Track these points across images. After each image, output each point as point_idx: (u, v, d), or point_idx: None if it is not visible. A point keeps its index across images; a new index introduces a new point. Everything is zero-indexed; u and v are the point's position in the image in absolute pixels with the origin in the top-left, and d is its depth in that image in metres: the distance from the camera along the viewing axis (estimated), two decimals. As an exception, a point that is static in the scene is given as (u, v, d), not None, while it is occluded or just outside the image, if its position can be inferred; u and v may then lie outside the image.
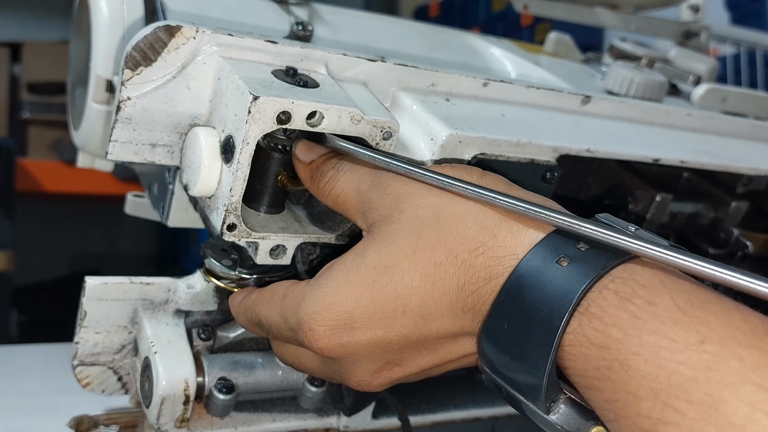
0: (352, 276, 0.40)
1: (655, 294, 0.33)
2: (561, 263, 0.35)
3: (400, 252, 0.40)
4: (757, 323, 0.31)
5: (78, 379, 0.53)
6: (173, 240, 2.60)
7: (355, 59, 0.49)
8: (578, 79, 0.69)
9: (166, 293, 0.52)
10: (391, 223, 0.41)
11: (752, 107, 0.73)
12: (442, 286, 0.38)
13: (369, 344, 0.40)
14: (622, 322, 0.33)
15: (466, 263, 0.38)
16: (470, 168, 0.43)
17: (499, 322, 0.37)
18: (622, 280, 0.34)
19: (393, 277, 0.39)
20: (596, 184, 0.61)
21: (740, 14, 1.69)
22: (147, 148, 0.47)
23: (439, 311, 0.39)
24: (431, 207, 0.40)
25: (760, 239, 0.64)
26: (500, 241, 0.38)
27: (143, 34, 0.44)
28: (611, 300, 0.33)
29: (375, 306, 0.40)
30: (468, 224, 0.39)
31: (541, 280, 0.35)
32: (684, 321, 0.31)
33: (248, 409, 0.55)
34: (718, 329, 0.31)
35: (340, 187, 0.44)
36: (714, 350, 0.30)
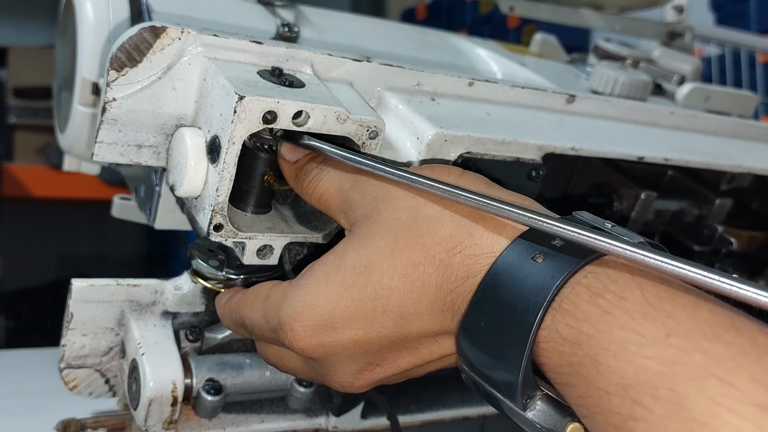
0: (332, 276, 0.41)
1: (625, 288, 0.33)
2: (536, 260, 0.35)
3: (378, 252, 0.40)
4: (723, 314, 0.31)
5: (65, 382, 0.53)
6: (161, 243, 2.59)
7: (340, 59, 0.49)
8: (563, 79, 0.69)
9: (154, 295, 0.52)
10: (370, 224, 0.41)
11: (735, 106, 0.74)
12: (421, 285, 0.39)
13: (349, 344, 0.40)
14: (593, 317, 0.33)
15: (444, 263, 0.38)
16: (449, 168, 0.43)
17: (476, 319, 0.37)
18: (595, 275, 0.34)
19: (372, 278, 0.39)
20: (581, 182, 0.61)
21: (724, 15, 1.70)
22: (133, 149, 0.47)
23: (419, 311, 0.39)
24: (408, 208, 0.40)
25: (744, 236, 0.65)
26: (477, 240, 0.38)
27: (128, 35, 0.44)
28: (583, 295, 0.34)
29: (355, 306, 0.40)
30: (445, 224, 0.39)
31: (516, 276, 0.36)
32: (652, 315, 0.32)
33: (236, 410, 0.55)
34: (684, 322, 0.31)
35: (323, 187, 0.45)
36: (680, 344, 0.30)
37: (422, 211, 0.40)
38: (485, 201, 0.38)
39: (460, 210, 0.39)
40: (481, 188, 0.41)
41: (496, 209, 0.37)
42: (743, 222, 0.67)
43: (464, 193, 0.39)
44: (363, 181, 0.43)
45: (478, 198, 0.38)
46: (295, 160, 0.46)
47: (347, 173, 0.44)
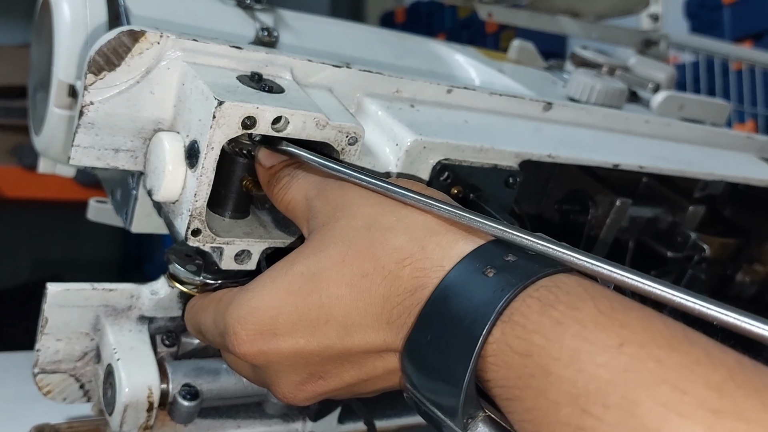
0: (278, 281, 0.40)
1: (578, 300, 0.33)
2: (487, 274, 0.35)
3: (329, 260, 0.39)
4: (677, 327, 0.31)
5: (39, 387, 0.52)
6: (136, 246, 2.57)
7: (320, 65, 0.49)
8: (540, 86, 0.70)
9: (129, 299, 0.52)
10: (326, 231, 0.41)
11: (709, 114, 0.75)
12: (368, 296, 0.38)
13: (291, 353, 0.40)
14: (544, 328, 0.32)
15: (393, 274, 0.38)
16: (413, 182, 0.43)
17: (422, 334, 0.36)
18: (547, 288, 0.34)
19: (319, 285, 0.39)
20: (558, 188, 0.62)
21: (699, 23, 1.73)
22: (110, 153, 0.47)
23: (363, 322, 0.38)
24: (365, 217, 0.40)
25: (716, 242, 0.66)
26: (428, 253, 0.37)
27: (107, 38, 0.44)
28: (534, 307, 0.33)
29: (298, 313, 0.39)
30: (398, 235, 0.39)
31: (465, 290, 0.35)
32: (605, 324, 0.31)
33: (213, 415, 0.55)
34: (638, 332, 0.31)
35: (291, 194, 0.44)
36: (632, 352, 0.30)
37: (378, 220, 0.40)
38: (452, 210, 0.38)
39: (414, 222, 0.39)
40: (442, 198, 0.40)
41: (461, 217, 0.38)
42: (716, 229, 0.68)
43: (431, 202, 0.39)
44: (327, 190, 0.43)
45: (446, 207, 0.38)
46: (270, 166, 0.46)
47: (314, 182, 0.44)
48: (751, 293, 0.73)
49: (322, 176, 0.44)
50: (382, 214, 0.40)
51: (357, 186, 0.42)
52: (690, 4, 1.75)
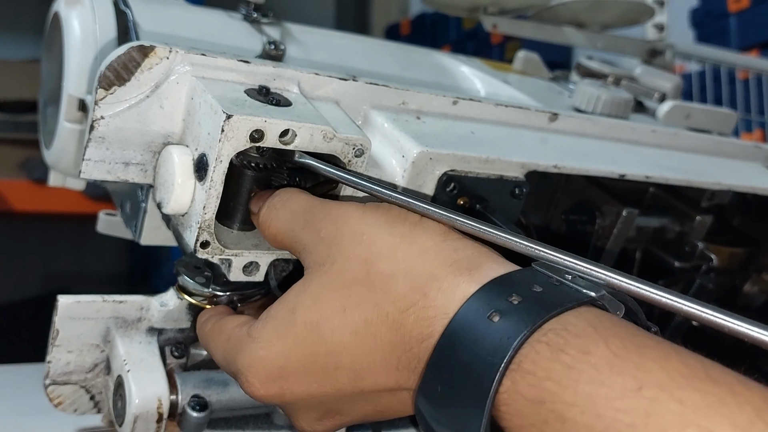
0: (283, 332, 0.40)
1: (589, 342, 0.32)
2: (492, 319, 0.34)
3: (329, 309, 0.39)
4: (697, 366, 0.30)
5: (50, 398, 0.52)
6: (143, 259, 2.58)
7: (327, 78, 0.50)
8: (546, 96, 0.70)
9: (139, 311, 0.52)
10: (322, 275, 0.40)
11: (715, 123, 0.75)
12: (374, 342, 0.38)
13: (305, 395, 0.40)
14: (556, 374, 0.31)
15: (397, 322, 0.37)
16: (406, 213, 0.42)
17: (433, 384, 0.36)
18: (555, 331, 0.33)
19: (323, 335, 0.39)
20: (564, 199, 0.62)
21: (705, 32, 1.72)
22: (120, 167, 0.48)
23: (372, 366, 0.38)
24: (362, 261, 0.39)
25: (724, 252, 0.66)
26: (431, 300, 0.37)
27: (117, 54, 0.44)
28: (544, 353, 0.32)
29: (306, 361, 0.40)
30: (398, 282, 0.38)
31: (472, 338, 0.34)
32: (621, 367, 0.30)
33: (222, 426, 0.55)
34: (656, 373, 0.30)
35: (275, 227, 0.44)
36: (652, 395, 0.29)
37: (376, 266, 0.39)
38: (483, 228, 0.38)
39: (412, 268, 0.38)
40: (438, 238, 0.39)
41: (491, 235, 0.38)
42: (724, 238, 0.68)
43: (459, 218, 0.39)
44: (316, 222, 0.42)
45: (473, 223, 0.38)
46: (257, 210, 0.46)
47: (298, 213, 0.43)
48: (760, 303, 0.72)
49: (303, 205, 0.44)
50: (378, 258, 0.39)
51: (345, 215, 0.41)
52: (696, 13, 1.75)
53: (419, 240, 0.39)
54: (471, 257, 0.38)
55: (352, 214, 0.41)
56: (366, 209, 0.42)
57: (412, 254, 0.39)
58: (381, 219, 0.41)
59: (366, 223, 0.41)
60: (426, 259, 0.38)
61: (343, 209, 0.42)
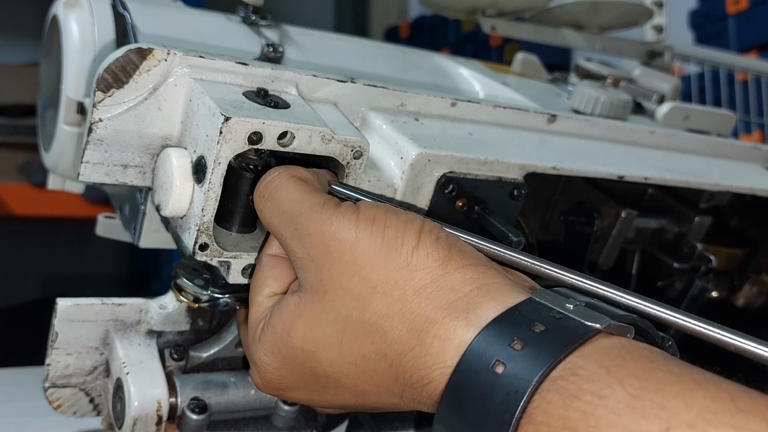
0: (282, 350, 0.41)
1: (604, 386, 0.30)
2: (496, 370, 0.33)
3: (326, 340, 0.39)
4: (723, 398, 0.29)
5: (49, 401, 0.52)
6: (143, 262, 2.58)
7: (325, 80, 0.50)
8: (545, 98, 0.70)
9: (138, 314, 0.52)
10: (315, 302, 0.39)
11: (714, 125, 0.75)
12: (374, 374, 0.38)
13: (308, 401, 0.42)
14: (573, 423, 0.30)
15: (396, 363, 0.37)
16: (404, 236, 0.39)
17: None
18: (564, 378, 0.31)
19: (321, 362, 0.39)
20: (563, 200, 0.62)
21: (704, 34, 1.73)
22: (119, 169, 0.48)
23: (376, 391, 0.38)
24: (355, 297, 0.38)
25: (723, 253, 0.66)
26: (427, 347, 0.36)
27: (115, 56, 0.44)
28: (556, 402, 0.31)
29: (306, 379, 0.40)
30: (395, 325, 0.37)
31: (478, 393, 0.33)
32: (642, 409, 0.29)
33: (221, 428, 0.55)
34: (682, 412, 0.28)
35: (265, 219, 0.43)
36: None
37: (371, 304, 0.38)
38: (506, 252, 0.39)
39: (408, 310, 0.37)
40: (436, 271, 0.38)
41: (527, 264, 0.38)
42: (722, 239, 0.68)
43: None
44: (304, 235, 0.40)
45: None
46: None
47: (288, 216, 0.41)
48: (759, 303, 0.72)
49: (290, 205, 0.42)
50: (373, 295, 0.38)
51: (337, 237, 0.39)
52: (695, 15, 1.75)
53: (417, 275, 0.37)
54: (468, 296, 0.36)
55: (344, 237, 0.39)
56: (359, 230, 0.39)
57: (408, 294, 0.37)
58: (376, 245, 0.38)
59: (359, 250, 0.38)
60: (422, 299, 0.37)
61: (334, 228, 0.39)
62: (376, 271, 0.38)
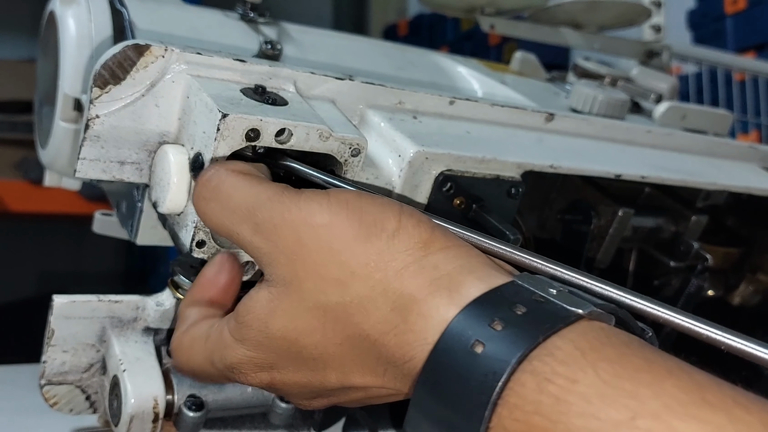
0: (263, 342, 0.39)
1: (577, 370, 0.30)
2: (475, 350, 0.32)
3: (308, 327, 0.38)
4: (692, 389, 0.29)
5: (45, 398, 0.52)
6: (140, 259, 2.58)
7: (323, 77, 0.50)
8: (543, 97, 0.70)
9: (135, 311, 0.52)
10: (291, 294, 0.38)
11: (711, 124, 0.75)
12: (359, 354, 0.37)
13: (296, 384, 0.40)
14: (544, 408, 0.30)
15: (379, 342, 0.36)
16: (383, 222, 0.38)
17: (419, 422, 0.34)
18: (540, 359, 0.31)
19: (306, 347, 0.38)
20: (560, 199, 0.62)
21: (702, 34, 1.73)
22: (115, 166, 0.48)
23: (361, 371, 0.38)
24: (334, 283, 0.37)
25: (719, 252, 0.66)
26: (411, 325, 0.35)
27: (112, 52, 0.44)
28: (530, 385, 0.30)
29: (294, 363, 0.39)
30: (378, 305, 0.36)
31: (456, 373, 0.32)
32: (612, 396, 0.29)
33: (218, 426, 0.55)
34: (650, 401, 0.28)
35: (210, 222, 0.41)
36: (647, 426, 0.28)
37: (351, 287, 0.37)
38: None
39: (391, 290, 0.36)
40: (418, 253, 0.37)
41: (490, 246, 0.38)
42: (719, 238, 0.68)
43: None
44: (268, 226, 0.38)
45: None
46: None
47: (240, 212, 0.39)
48: (755, 303, 0.73)
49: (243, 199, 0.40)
50: (353, 279, 0.37)
51: (308, 222, 0.38)
52: (693, 15, 1.76)
53: (398, 257, 0.36)
54: (451, 274, 0.36)
55: (316, 222, 0.37)
56: (333, 213, 0.37)
57: (389, 275, 0.36)
58: (353, 229, 0.37)
59: (335, 235, 0.37)
60: (405, 278, 0.36)
61: (304, 213, 0.38)
62: (355, 256, 0.37)
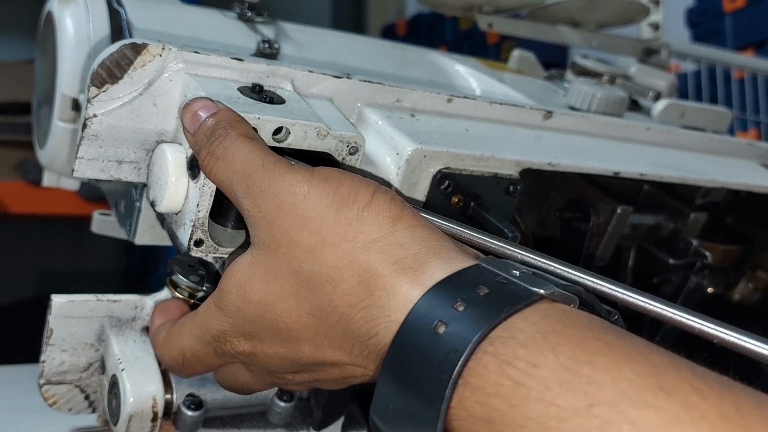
0: (241, 308, 0.41)
1: (537, 353, 0.30)
2: (438, 330, 0.32)
3: (282, 292, 0.39)
4: (649, 374, 0.28)
5: (44, 398, 0.52)
6: (140, 259, 2.58)
7: (320, 76, 0.50)
8: (541, 95, 0.70)
9: (134, 310, 0.52)
10: (268, 258, 0.40)
11: (710, 121, 0.75)
12: (328, 327, 0.38)
13: (275, 356, 0.41)
14: (504, 391, 0.30)
15: (346, 315, 0.37)
16: (356, 193, 0.39)
17: (385, 402, 0.35)
18: (502, 340, 0.31)
19: (280, 313, 0.39)
20: (559, 197, 0.62)
21: (700, 32, 1.73)
22: (113, 165, 0.48)
23: (331, 345, 0.38)
24: (305, 249, 0.38)
25: (719, 250, 0.66)
26: (375, 299, 0.36)
27: (109, 51, 0.44)
28: (491, 366, 0.30)
29: (271, 330, 0.40)
30: (345, 277, 0.37)
31: (420, 353, 0.33)
32: (570, 382, 0.29)
33: (217, 425, 0.55)
34: (607, 387, 0.28)
35: (215, 178, 0.42)
36: (604, 414, 0.27)
37: (321, 256, 0.38)
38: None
39: (357, 263, 0.37)
40: (386, 228, 0.38)
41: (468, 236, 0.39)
42: (718, 236, 0.68)
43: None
44: (256, 191, 0.40)
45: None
46: (193, 132, 0.44)
47: (240, 172, 0.41)
48: (755, 300, 0.73)
49: (243, 164, 0.41)
50: (323, 248, 0.38)
51: (289, 191, 0.39)
52: (691, 13, 1.76)
53: (366, 229, 0.37)
54: (417, 254, 0.36)
55: (296, 191, 0.39)
56: (312, 185, 0.39)
57: (357, 246, 0.37)
58: (328, 199, 0.38)
59: (310, 203, 0.39)
60: (371, 253, 0.37)
61: (287, 183, 0.39)
62: (326, 224, 0.38)
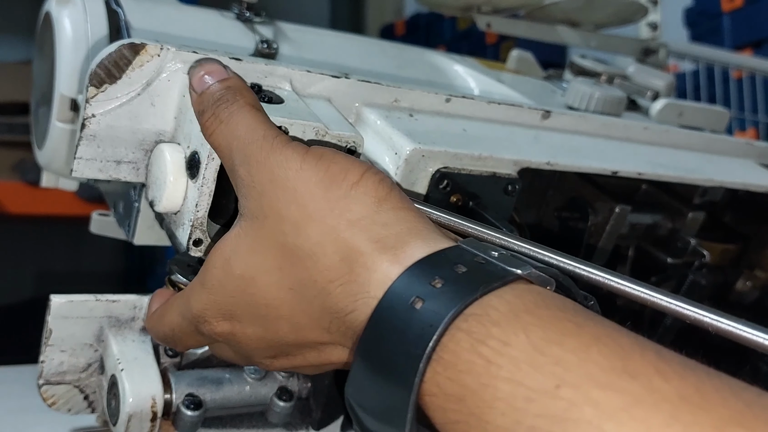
0: (224, 282, 0.41)
1: (509, 332, 0.30)
2: (415, 305, 0.33)
3: (265, 265, 0.39)
4: (615, 356, 0.29)
5: (44, 398, 0.52)
6: (138, 259, 2.58)
7: (319, 76, 0.50)
8: (539, 94, 0.70)
9: (133, 310, 0.52)
10: (256, 230, 0.40)
11: (708, 121, 0.75)
12: (308, 303, 0.38)
13: (254, 337, 0.41)
14: (475, 369, 0.30)
15: (326, 290, 0.37)
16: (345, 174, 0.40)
17: (361, 377, 0.35)
18: (476, 317, 0.31)
19: (261, 288, 0.39)
20: (557, 196, 0.62)
21: (699, 31, 1.73)
22: (112, 165, 0.48)
23: (309, 324, 0.39)
24: (291, 223, 0.39)
25: (716, 249, 0.66)
26: (355, 276, 0.36)
27: (108, 51, 0.44)
28: (464, 343, 0.31)
29: (251, 308, 0.40)
30: (327, 252, 0.37)
31: (396, 328, 0.33)
32: (540, 362, 0.29)
33: (216, 425, 0.55)
34: (574, 368, 0.28)
35: (215, 142, 0.42)
36: (569, 396, 0.27)
37: (305, 230, 0.38)
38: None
39: (340, 239, 0.37)
40: (371, 207, 0.38)
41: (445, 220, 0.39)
42: (716, 235, 0.68)
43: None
44: (252, 161, 0.40)
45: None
46: (201, 92, 0.44)
47: (241, 141, 0.41)
48: (753, 299, 0.73)
49: (245, 132, 0.41)
50: (308, 223, 0.38)
51: (283, 165, 0.40)
52: (689, 13, 1.76)
53: (352, 207, 0.38)
54: (399, 234, 0.37)
55: (290, 166, 0.39)
56: (305, 161, 0.39)
57: (342, 224, 0.37)
58: (318, 176, 0.39)
59: (302, 178, 0.39)
60: (354, 231, 0.37)
61: (282, 157, 0.40)
62: (314, 200, 0.38)
